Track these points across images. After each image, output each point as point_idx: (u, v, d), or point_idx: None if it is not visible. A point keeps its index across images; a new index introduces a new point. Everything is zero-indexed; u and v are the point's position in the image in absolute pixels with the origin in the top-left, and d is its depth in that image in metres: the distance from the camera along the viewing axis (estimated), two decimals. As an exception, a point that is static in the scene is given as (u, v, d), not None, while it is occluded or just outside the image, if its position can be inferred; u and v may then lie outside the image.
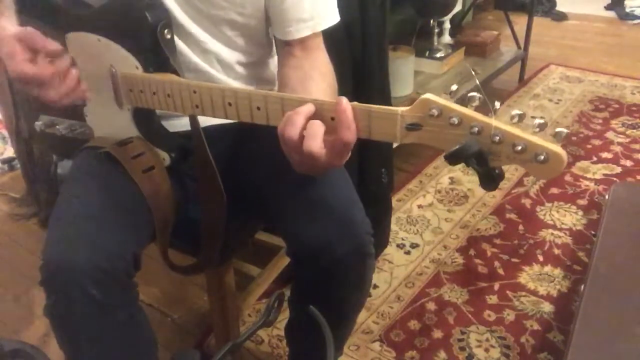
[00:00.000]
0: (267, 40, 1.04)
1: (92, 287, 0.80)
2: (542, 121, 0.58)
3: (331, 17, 0.96)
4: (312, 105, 0.70)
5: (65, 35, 0.92)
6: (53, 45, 0.85)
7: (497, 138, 0.58)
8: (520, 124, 0.59)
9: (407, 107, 0.64)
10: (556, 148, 0.57)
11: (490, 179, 0.62)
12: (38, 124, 1.04)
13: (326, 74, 0.94)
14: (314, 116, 0.70)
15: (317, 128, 0.69)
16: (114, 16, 0.87)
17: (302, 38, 0.94)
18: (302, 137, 0.69)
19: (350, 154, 0.71)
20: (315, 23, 0.94)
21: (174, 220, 0.95)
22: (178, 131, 0.97)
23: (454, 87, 0.64)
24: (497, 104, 0.60)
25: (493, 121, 0.58)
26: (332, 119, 0.69)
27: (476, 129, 0.59)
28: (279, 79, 0.98)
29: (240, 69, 1.02)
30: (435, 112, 0.61)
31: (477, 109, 0.61)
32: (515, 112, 0.59)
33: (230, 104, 0.77)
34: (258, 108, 0.75)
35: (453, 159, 0.60)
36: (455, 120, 0.60)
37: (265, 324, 0.72)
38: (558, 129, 0.58)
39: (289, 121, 0.70)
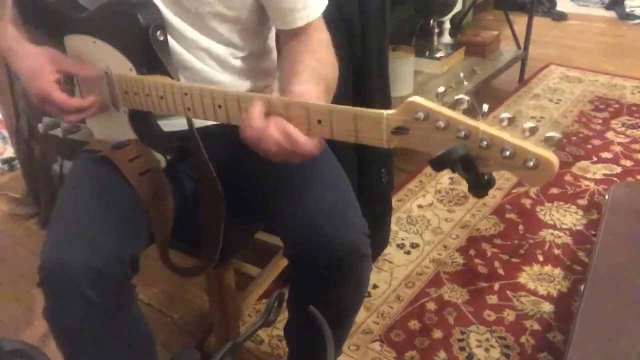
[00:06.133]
0: (261, 33, 1.03)
1: (88, 289, 0.80)
2: (532, 125, 0.55)
3: (322, 2, 0.97)
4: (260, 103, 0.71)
5: (64, 38, 0.92)
6: (88, 70, 0.88)
7: (485, 143, 0.55)
8: (510, 127, 0.56)
9: (394, 110, 0.63)
10: (546, 153, 0.53)
11: (479, 186, 0.59)
12: (41, 126, 1.04)
13: (316, 50, 0.93)
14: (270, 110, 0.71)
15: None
16: (108, 18, 0.88)
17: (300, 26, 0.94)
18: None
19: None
20: (309, 12, 0.94)
21: (172, 221, 0.95)
22: (176, 131, 0.97)
23: (441, 89, 0.61)
24: (485, 107, 0.57)
25: (481, 125, 0.56)
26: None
27: (463, 133, 0.56)
28: (278, 67, 0.97)
29: (235, 64, 1.01)
30: (421, 115, 0.59)
31: (465, 112, 0.58)
32: (505, 115, 0.56)
33: (219, 106, 0.76)
34: (247, 110, 0.74)
35: (437, 164, 0.57)
36: (441, 124, 0.58)
37: (265, 324, 0.72)
38: (549, 134, 0.54)
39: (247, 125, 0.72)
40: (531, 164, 0.54)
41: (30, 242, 1.83)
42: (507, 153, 0.55)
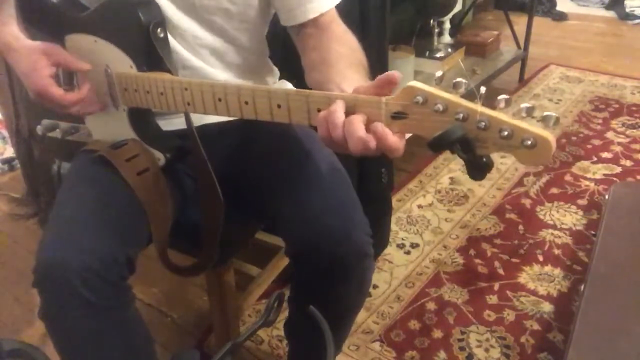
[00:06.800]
0: (262, 29, 1.02)
1: (83, 289, 0.79)
2: (529, 105, 0.56)
3: None
4: (341, 101, 0.66)
5: (64, 37, 0.92)
6: (81, 65, 0.88)
7: (483, 124, 0.57)
8: (508, 109, 0.57)
9: (393, 95, 0.63)
10: (543, 132, 0.55)
11: (477, 168, 0.60)
12: (40, 128, 1.04)
13: (343, 39, 0.90)
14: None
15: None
16: (109, 16, 0.88)
17: (313, 18, 0.91)
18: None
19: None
20: (320, 4, 0.91)
21: (172, 221, 0.95)
22: (175, 129, 0.97)
23: (439, 74, 0.63)
24: (483, 89, 0.58)
25: (479, 107, 0.57)
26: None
27: (461, 115, 0.58)
28: (304, 67, 0.92)
29: (237, 62, 1.00)
30: (420, 99, 0.60)
31: (463, 96, 0.59)
32: (502, 97, 0.57)
33: (220, 100, 0.77)
34: (246, 102, 0.74)
35: (436, 145, 0.58)
36: (440, 107, 0.59)
37: (265, 324, 0.72)
38: (546, 113, 0.56)
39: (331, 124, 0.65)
40: (529, 142, 0.55)
41: (30, 242, 1.83)
42: (505, 133, 0.56)
